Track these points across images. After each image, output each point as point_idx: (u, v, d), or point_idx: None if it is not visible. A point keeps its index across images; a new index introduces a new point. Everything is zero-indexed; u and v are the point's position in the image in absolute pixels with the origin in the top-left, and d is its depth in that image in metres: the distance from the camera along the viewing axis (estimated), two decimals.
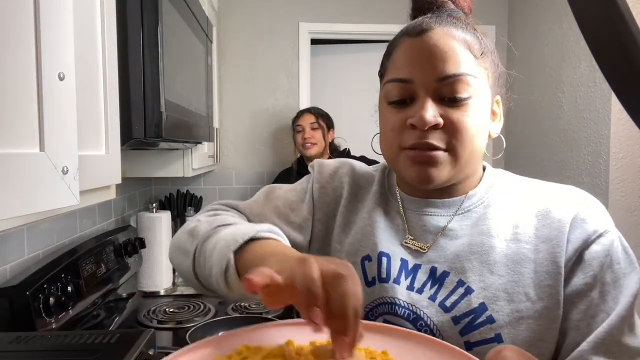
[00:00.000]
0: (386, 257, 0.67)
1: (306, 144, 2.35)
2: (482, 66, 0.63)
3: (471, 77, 0.61)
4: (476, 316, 0.60)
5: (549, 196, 0.65)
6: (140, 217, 1.89)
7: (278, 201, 0.76)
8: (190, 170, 1.75)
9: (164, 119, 1.05)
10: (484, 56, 0.63)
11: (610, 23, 0.30)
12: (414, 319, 0.63)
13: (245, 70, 2.74)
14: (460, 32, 0.62)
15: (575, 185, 0.67)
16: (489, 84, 0.64)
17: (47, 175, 0.51)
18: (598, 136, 2.11)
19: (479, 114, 0.62)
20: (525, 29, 2.71)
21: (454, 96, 0.60)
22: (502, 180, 0.71)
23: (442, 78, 0.60)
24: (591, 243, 0.60)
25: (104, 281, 1.37)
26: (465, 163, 0.63)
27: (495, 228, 0.64)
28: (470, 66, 0.61)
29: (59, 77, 0.55)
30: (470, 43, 0.62)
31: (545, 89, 2.51)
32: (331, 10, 2.76)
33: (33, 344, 0.78)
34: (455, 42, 0.61)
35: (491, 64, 0.65)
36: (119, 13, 0.85)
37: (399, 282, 0.65)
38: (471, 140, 0.62)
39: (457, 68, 0.60)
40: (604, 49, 0.32)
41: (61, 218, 1.38)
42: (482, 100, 0.63)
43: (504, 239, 0.63)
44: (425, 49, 0.61)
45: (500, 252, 0.62)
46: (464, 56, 0.61)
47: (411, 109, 0.62)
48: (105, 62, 0.77)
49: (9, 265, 1.12)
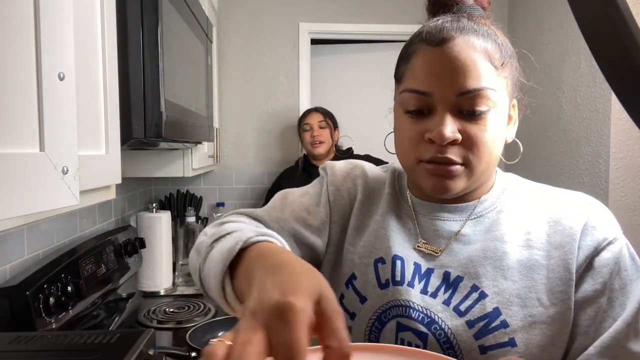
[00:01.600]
0: (400, 260, 0.67)
1: (315, 142, 2.36)
2: (501, 76, 0.62)
3: (491, 91, 0.59)
4: (490, 320, 0.60)
5: (560, 202, 0.66)
6: (140, 217, 1.89)
7: (294, 205, 0.74)
8: (190, 170, 1.75)
9: (164, 119, 1.05)
10: (504, 66, 0.62)
11: (610, 23, 0.30)
12: (428, 322, 0.63)
13: (245, 70, 2.74)
14: (481, 42, 0.60)
15: (575, 185, 0.68)
16: (507, 92, 0.63)
17: (47, 175, 0.51)
18: (598, 136, 2.11)
19: (496, 125, 0.62)
20: (525, 29, 2.71)
21: (473, 109, 0.59)
22: (513, 184, 0.71)
23: (462, 93, 0.59)
24: (601, 250, 0.61)
25: (104, 281, 1.37)
26: (481, 174, 0.64)
27: (507, 234, 0.65)
28: (490, 79, 0.60)
29: (59, 77, 0.55)
30: (491, 53, 0.60)
31: (545, 89, 2.51)
32: (331, 10, 2.76)
33: (33, 344, 0.78)
34: (476, 54, 0.59)
35: (511, 71, 0.64)
36: (119, 13, 0.85)
37: (413, 285, 0.65)
38: (488, 152, 0.62)
39: (478, 82, 0.59)
40: (604, 49, 0.32)
41: (61, 218, 1.38)
42: (500, 111, 0.62)
43: (517, 245, 0.64)
44: (445, 61, 0.59)
45: (513, 257, 0.63)
46: (485, 69, 0.59)
47: (429, 122, 0.61)
48: (105, 62, 0.77)
49: (9, 265, 1.12)
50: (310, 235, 0.72)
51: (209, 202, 2.72)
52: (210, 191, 2.73)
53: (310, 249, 0.72)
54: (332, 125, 2.42)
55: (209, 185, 2.73)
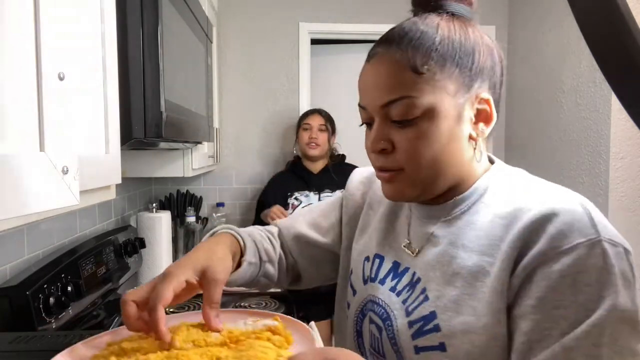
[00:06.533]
0: (379, 259, 0.73)
1: (311, 143, 2.35)
2: (433, 79, 0.60)
3: (409, 99, 0.60)
4: (425, 323, 0.62)
5: (528, 206, 0.59)
6: (140, 217, 1.89)
7: (314, 213, 0.88)
8: (190, 170, 1.75)
9: (164, 119, 1.05)
10: (436, 68, 0.60)
11: (610, 23, 0.30)
12: (384, 318, 0.68)
13: (245, 70, 2.74)
14: (402, 52, 0.61)
15: (576, 185, 0.66)
16: (450, 92, 0.61)
17: (47, 175, 0.52)
18: (598, 136, 2.11)
19: (436, 129, 0.61)
20: (525, 29, 2.71)
21: (400, 119, 0.61)
22: (497, 185, 0.66)
23: (383, 105, 0.62)
24: (542, 263, 0.55)
25: (104, 281, 1.37)
26: (430, 177, 0.63)
27: (466, 238, 0.63)
28: (411, 87, 0.60)
29: (59, 77, 0.55)
30: (413, 61, 0.60)
31: (545, 89, 2.51)
32: (331, 10, 2.76)
33: (33, 344, 0.78)
34: (395, 66, 0.61)
35: (453, 68, 0.61)
36: (119, 13, 0.85)
37: (384, 282, 0.70)
38: (426, 156, 0.61)
39: (396, 93, 0.61)
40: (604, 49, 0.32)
41: (61, 218, 1.38)
42: (437, 114, 0.60)
43: (470, 250, 0.62)
44: (369, 76, 0.64)
45: (462, 263, 0.61)
46: (403, 79, 0.60)
47: (370, 133, 0.66)
48: (105, 62, 0.77)
49: (9, 265, 1.12)
50: (319, 237, 0.85)
51: (209, 202, 2.72)
52: (210, 191, 2.73)
53: (318, 247, 0.85)
54: (331, 130, 2.41)
55: (209, 185, 2.73)
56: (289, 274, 0.86)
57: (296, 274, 0.88)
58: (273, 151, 2.79)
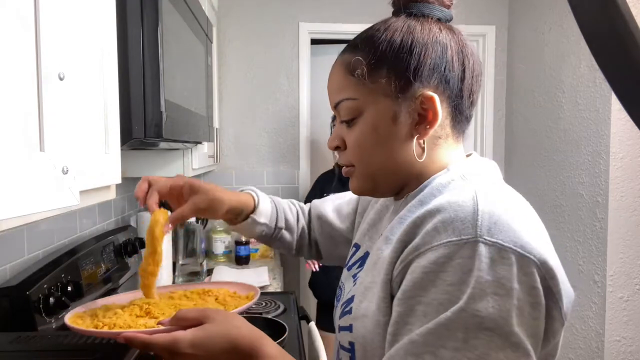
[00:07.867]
0: (355, 247, 0.79)
1: None
2: (368, 82, 0.63)
3: (350, 101, 0.65)
4: (346, 305, 0.68)
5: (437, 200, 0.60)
6: (140, 217, 1.89)
7: (342, 199, 0.96)
8: (190, 170, 1.75)
9: (164, 119, 1.05)
10: (370, 71, 0.63)
11: (610, 23, 0.30)
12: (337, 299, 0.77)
13: (245, 70, 2.74)
14: (348, 56, 0.66)
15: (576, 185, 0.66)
16: (385, 93, 0.63)
17: (47, 175, 0.52)
18: (598, 136, 2.11)
19: (371, 130, 0.64)
20: (525, 29, 2.71)
21: (346, 120, 0.66)
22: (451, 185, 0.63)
23: (334, 106, 0.68)
24: (417, 256, 0.56)
25: (104, 281, 1.37)
26: (378, 174, 0.67)
27: (392, 232, 0.63)
28: (350, 90, 0.65)
29: (59, 77, 0.55)
30: (354, 65, 0.64)
31: (545, 89, 2.51)
32: (331, 10, 2.76)
33: (33, 344, 0.78)
34: (341, 70, 0.67)
35: (388, 70, 0.62)
36: (119, 13, 0.85)
37: (350, 268, 0.76)
38: (368, 154, 0.66)
39: (338, 96, 0.67)
40: (604, 49, 0.32)
41: (61, 218, 1.38)
42: (372, 115, 0.64)
43: (389, 243, 0.62)
44: (329, 78, 0.70)
45: (381, 254, 0.63)
46: (346, 82, 0.66)
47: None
48: (105, 62, 0.77)
49: (9, 265, 1.12)
50: (338, 221, 0.93)
51: None
52: None
53: (335, 230, 0.93)
54: None
55: None
56: (312, 248, 0.97)
57: (317, 250, 0.97)
58: (273, 151, 2.79)
